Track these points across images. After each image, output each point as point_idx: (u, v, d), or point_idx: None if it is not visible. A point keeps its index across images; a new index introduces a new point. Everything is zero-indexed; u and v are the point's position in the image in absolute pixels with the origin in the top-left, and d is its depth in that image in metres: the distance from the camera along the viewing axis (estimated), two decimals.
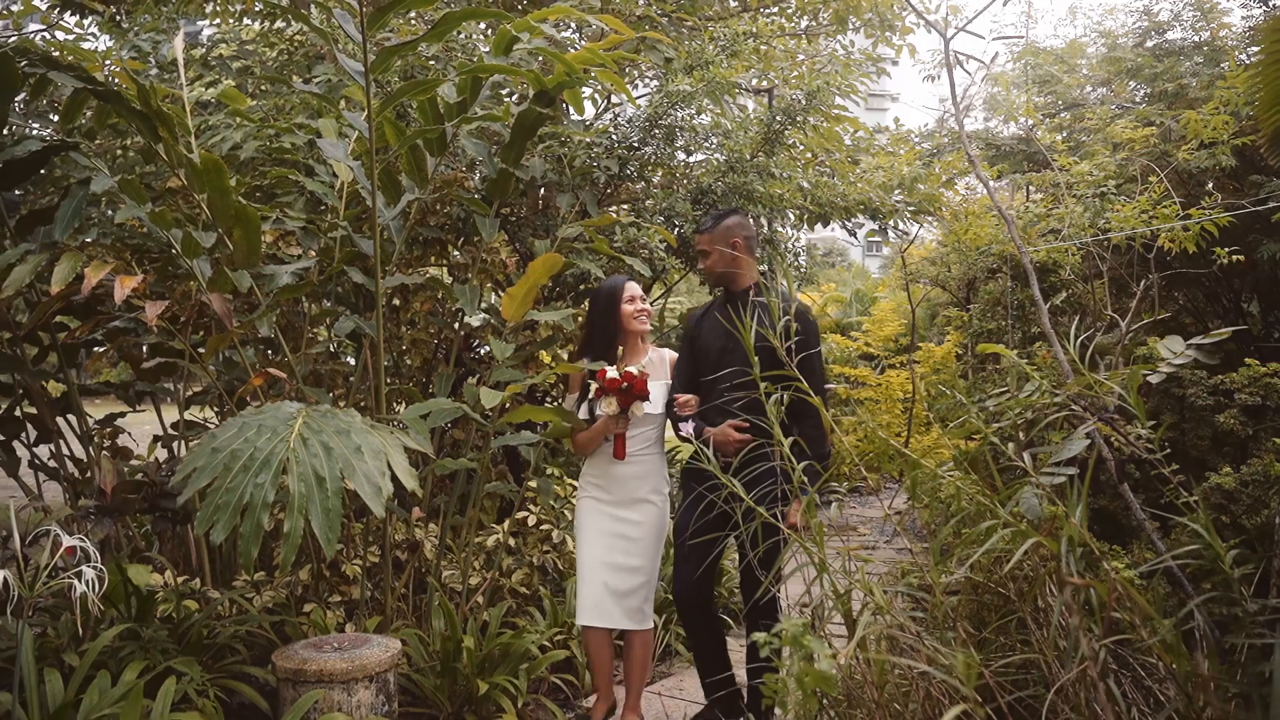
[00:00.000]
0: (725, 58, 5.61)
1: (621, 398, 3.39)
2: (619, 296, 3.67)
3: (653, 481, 3.61)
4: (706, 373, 3.50)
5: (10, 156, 3.71)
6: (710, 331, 3.54)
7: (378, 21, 3.51)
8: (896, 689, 2.55)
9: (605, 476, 3.60)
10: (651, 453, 3.63)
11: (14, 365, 4.17)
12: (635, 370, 3.39)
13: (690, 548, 3.44)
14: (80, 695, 2.61)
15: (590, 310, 3.78)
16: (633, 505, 3.58)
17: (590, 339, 3.73)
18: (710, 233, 3.54)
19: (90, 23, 8.67)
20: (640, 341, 3.72)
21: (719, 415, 3.38)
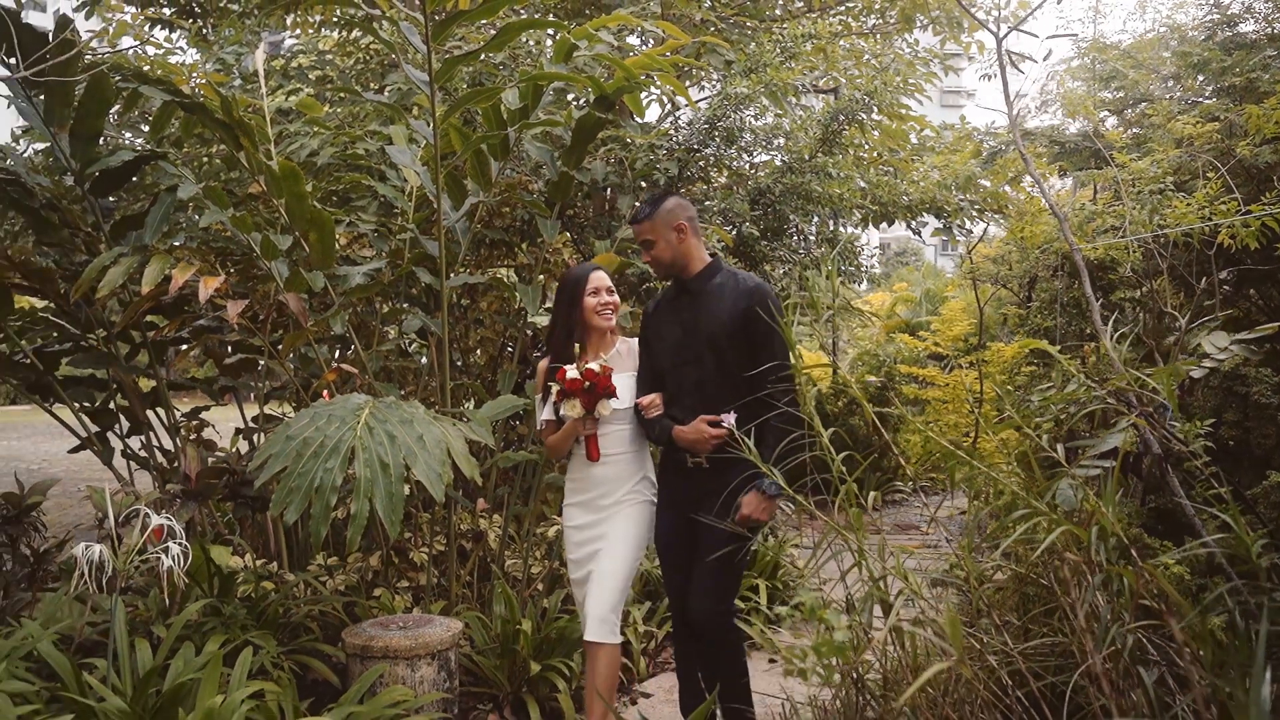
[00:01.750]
0: (783, 59, 5.68)
1: (585, 398, 3.10)
2: (582, 288, 3.31)
3: (632, 481, 3.29)
4: (666, 369, 3.23)
5: (106, 166, 3.98)
6: (665, 325, 3.25)
7: (442, 34, 3.68)
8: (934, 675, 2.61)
9: (583, 479, 3.31)
10: (629, 450, 3.30)
11: (108, 361, 4.46)
12: (597, 367, 3.10)
13: (674, 564, 3.22)
14: (167, 663, 2.83)
15: (555, 302, 3.46)
16: (612, 508, 3.26)
17: (552, 333, 3.43)
18: (650, 220, 3.18)
19: (178, 37, 9.08)
20: (608, 336, 3.39)
21: (688, 414, 3.11)
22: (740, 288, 3.09)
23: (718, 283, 3.14)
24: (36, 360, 4.38)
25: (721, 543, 2.99)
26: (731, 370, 3.05)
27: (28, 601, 3.43)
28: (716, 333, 3.06)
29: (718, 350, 3.06)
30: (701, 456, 3.07)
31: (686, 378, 3.13)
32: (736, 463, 2.93)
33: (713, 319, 3.07)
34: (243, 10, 9.77)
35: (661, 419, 3.16)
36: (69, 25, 3.36)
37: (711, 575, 3.05)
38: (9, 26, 3.13)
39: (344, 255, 4.88)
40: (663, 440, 3.16)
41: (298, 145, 5.33)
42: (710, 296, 3.12)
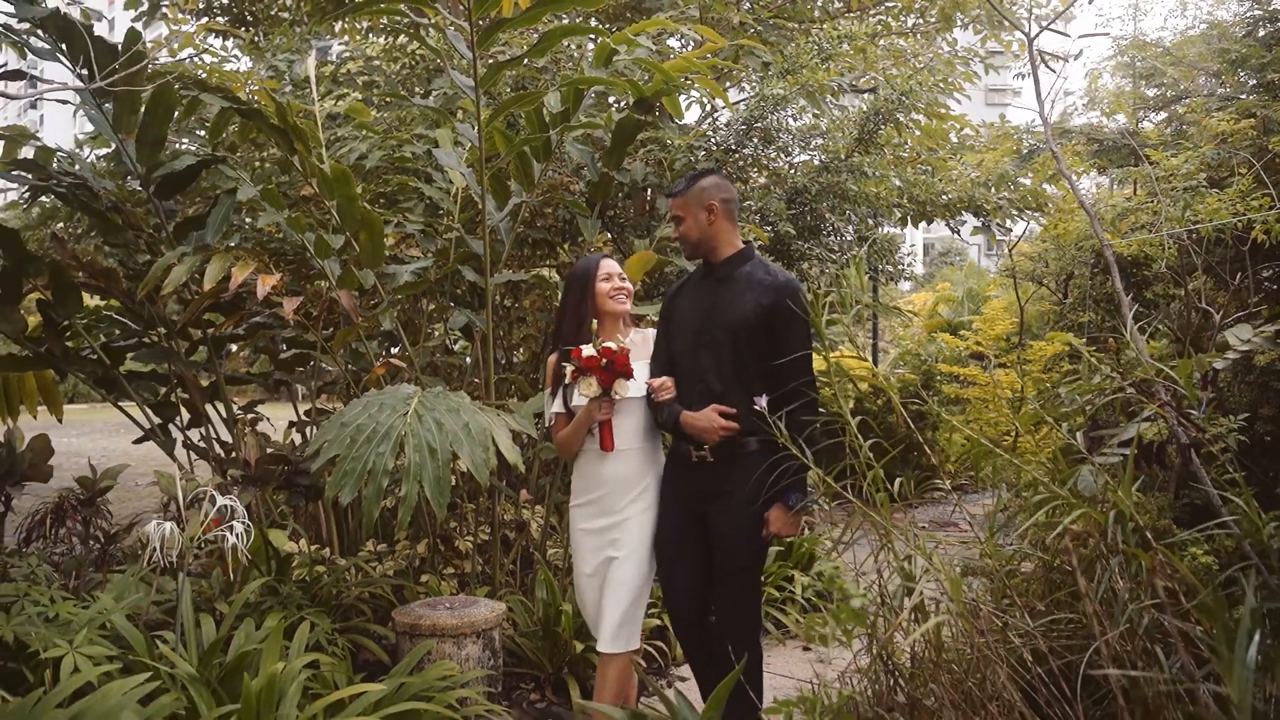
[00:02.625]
0: (820, 61, 5.77)
1: (602, 376, 2.94)
2: (594, 274, 3.20)
3: (647, 478, 3.13)
4: (683, 354, 3.08)
5: (169, 170, 4.19)
6: (687, 308, 3.12)
7: (486, 40, 3.83)
8: (958, 654, 2.71)
9: (594, 478, 3.13)
10: (642, 444, 3.15)
11: (169, 356, 4.67)
12: (615, 345, 2.96)
13: (676, 557, 3.08)
14: (229, 637, 3.01)
15: (563, 295, 3.34)
16: (619, 511, 3.10)
17: (560, 326, 3.28)
18: (683, 195, 3.06)
19: (233, 46, 9.36)
20: (621, 324, 3.26)
21: (698, 401, 2.98)
22: (768, 281, 2.96)
23: (745, 271, 3.01)
24: (103, 356, 4.59)
25: (740, 558, 2.96)
26: (747, 362, 2.94)
27: (99, 581, 3.64)
28: (736, 322, 2.94)
29: (735, 340, 2.94)
30: (706, 450, 2.95)
31: (701, 364, 3.00)
32: (743, 459, 2.91)
33: (735, 308, 2.95)
34: (293, 19, 10.06)
35: (671, 404, 3.03)
36: (139, 39, 3.56)
37: (734, 590, 2.98)
38: (85, 41, 3.33)
39: (392, 254, 5.05)
40: (669, 425, 3.04)
41: (347, 149, 5.53)
42: (736, 284, 2.99)
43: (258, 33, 10.02)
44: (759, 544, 2.97)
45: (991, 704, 2.48)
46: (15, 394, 4.91)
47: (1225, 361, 2.87)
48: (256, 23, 10.54)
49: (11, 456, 3.02)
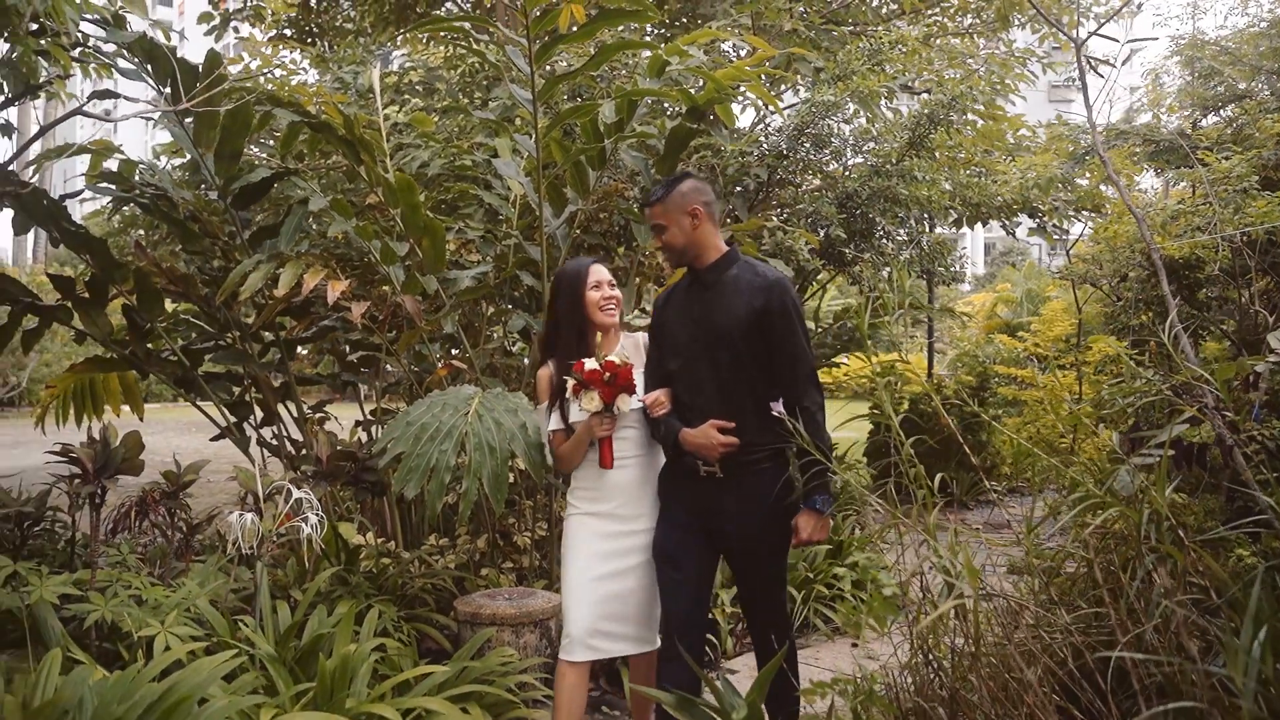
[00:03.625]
0: (871, 67, 5.85)
1: (605, 391, 2.85)
2: (583, 283, 3.06)
3: (652, 490, 3.07)
4: (676, 365, 2.97)
5: (246, 182, 4.42)
6: (676, 318, 3.00)
7: (544, 56, 4.00)
8: (997, 648, 2.79)
9: (599, 487, 3.04)
10: (646, 454, 3.08)
11: (243, 358, 4.92)
12: (617, 359, 2.88)
13: (677, 562, 2.96)
14: (303, 621, 3.21)
15: (552, 300, 3.21)
16: (632, 519, 3.03)
17: (554, 335, 3.15)
18: (663, 202, 2.92)
19: (302, 59, 9.67)
20: (611, 332, 3.13)
21: (694, 414, 2.88)
22: (757, 281, 2.86)
23: (733, 274, 2.89)
24: (183, 357, 4.85)
25: (765, 571, 2.95)
26: (747, 370, 2.85)
27: (181, 570, 3.87)
28: (731, 329, 2.83)
29: (733, 348, 2.84)
30: (714, 464, 2.85)
31: (698, 376, 2.90)
32: (755, 473, 2.85)
33: (727, 314, 2.85)
34: (357, 30, 10.37)
35: (669, 419, 2.92)
36: (219, 61, 3.78)
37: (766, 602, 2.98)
38: (169, 62, 3.56)
39: (453, 260, 5.24)
40: (668, 442, 2.94)
41: (410, 157, 5.73)
42: (725, 289, 2.88)
43: (324, 45, 10.35)
44: (780, 554, 2.95)
45: (1028, 696, 2.57)
46: (101, 394, 5.19)
47: (1266, 365, 2.92)
48: (322, 34, 10.89)
49: (106, 451, 3.25)
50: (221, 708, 2.32)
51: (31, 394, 18.37)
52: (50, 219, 4.18)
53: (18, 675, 2.37)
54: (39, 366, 18.30)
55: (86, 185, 4.79)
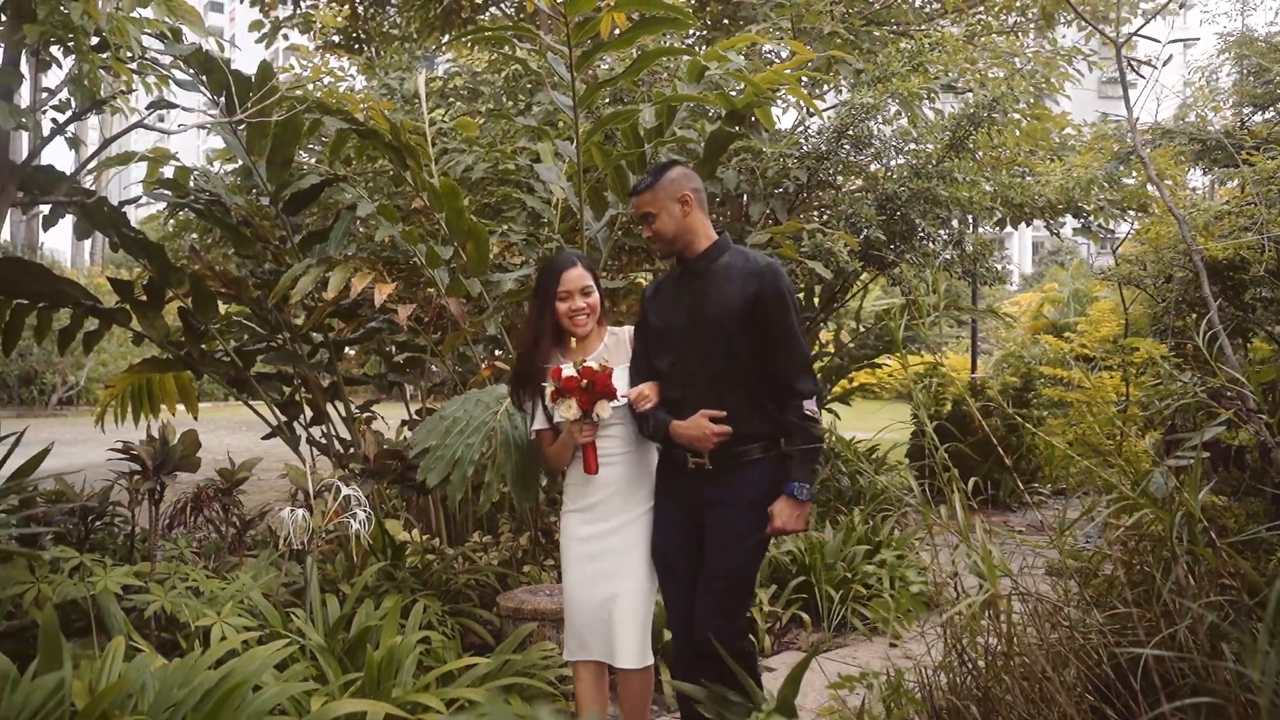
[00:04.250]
0: (910, 69, 5.86)
1: (582, 398, 2.75)
2: (552, 291, 2.92)
3: (643, 482, 2.95)
4: (666, 359, 2.88)
5: (297, 188, 4.56)
6: (667, 309, 2.90)
7: (584, 64, 4.08)
8: (1030, 648, 2.82)
9: (585, 483, 2.93)
10: (634, 450, 2.96)
11: (294, 359, 5.06)
12: (596, 364, 2.77)
13: (681, 571, 2.88)
14: (351, 614, 3.32)
15: (531, 301, 3.10)
16: (615, 517, 2.91)
17: (536, 332, 2.98)
18: (652, 190, 2.82)
19: (350, 65, 9.85)
20: (592, 334, 3.01)
21: (689, 407, 2.78)
22: (749, 268, 2.77)
23: (725, 263, 2.81)
24: (236, 358, 5.00)
25: (734, 561, 2.80)
26: (742, 360, 2.76)
27: (234, 564, 4.00)
28: (724, 318, 2.75)
29: (727, 338, 2.75)
30: (704, 456, 2.77)
31: (690, 367, 2.81)
32: (744, 464, 2.77)
33: (719, 303, 2.76)
34: (403, 35, 10.55)
35: (657, 412, 2.82)
36: (271, 73, 3.91)
37: (721, 595, 2.81)
38: (224, 74, 3.69)
39: (497, 263, 5.34)
40: (658, 436, 2.85)
41: (455, 161, 5.85)
42: (717, 278, 2.79)
43: (371, 51, 10.54)
44: (754, 553, 2.84)
45: (1060, 695, 2.59)
46: (158, 393, 5.37)
47: None
48: (369, 40, 11.09)
49: (165, 449, 3.39)
50: (274, 694, 2.42)
51: (89, 393, 18.88)
52: (111, 225, 4.34)
53: (84, 662, 2.50)
54: (95, 366, 18.81)
55: (145, 192, 4.96)
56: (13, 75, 2.56)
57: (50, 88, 2.78)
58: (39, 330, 4.78)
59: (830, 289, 6.99)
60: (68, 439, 10.07)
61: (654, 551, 2.92)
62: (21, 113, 2.53)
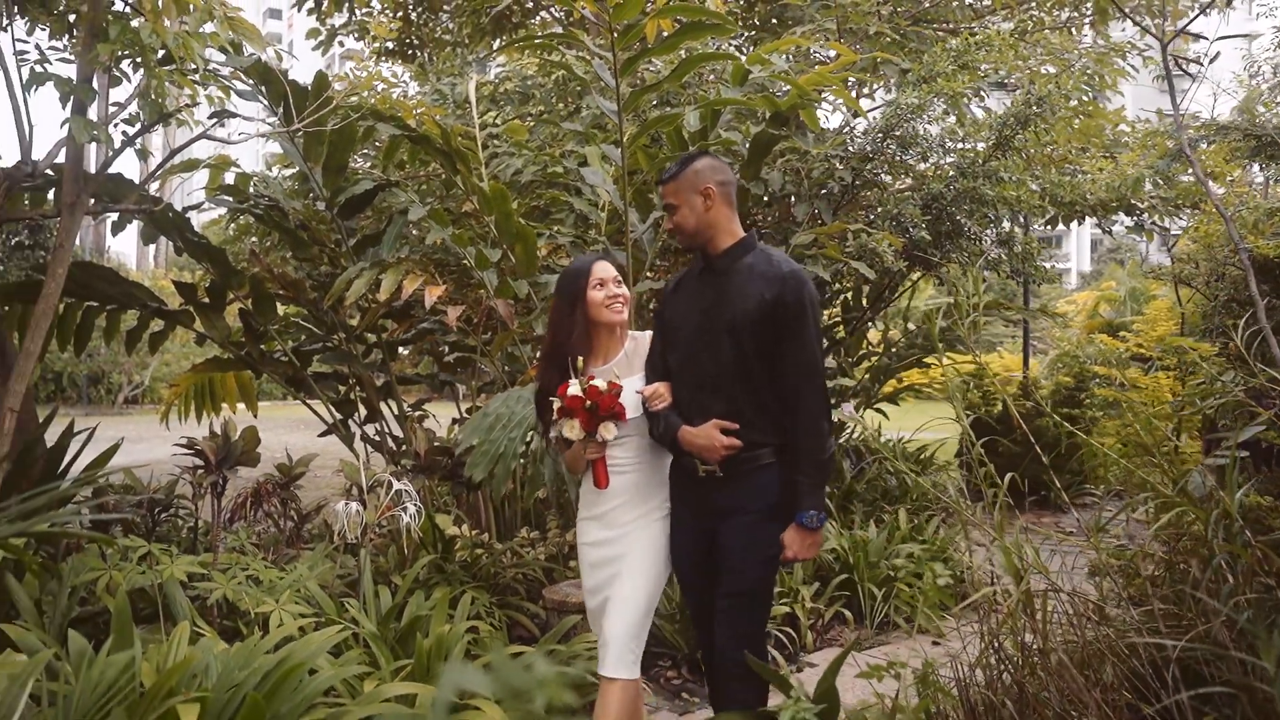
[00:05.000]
0: (956, 69, 5.85)
1: (585, 419, 2.67)
2: (584, 281, 2.83)
3: (654, 497, 2.84)
4: (680, 358, 2.78)
5: (351, 193, 4.71)
6: (684, 305, 2.81)
7: (628, 70, 4.16)
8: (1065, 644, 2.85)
9: (597, 493, 2.85)
10: (648, 461, 2.85)
11: (348, 359, 5.22)
12: (602, 383, 2.68)
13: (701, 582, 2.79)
14: (402, 605, 3.45)
15: (554, 303, 2.96)
16: (623, 524, 2.82)
17: (555, 341, 2.87)
18: (676, 180, 2.73)
19: (403, 72, 10.06)
20: (618, 332, 2.91)
21: (693, 409, 2.70)
22: (771, 271, 2.66)
23: (747, 263, 2.71)
24: (294, 358, 5.17)
25: (752, 575, 2.70)
26: (751, 365, 2.66)
27: (292, 556, 4.16)
28: (738, 319, 2.65)
29: (737, 339, 2.66)
30: (714, 464, 2.68)
31: (700, 368, 2.72)
32: (755, 470, 2.67)
33: (736, 303, 2.67)
34: (455, 41, 10.73)
35: (668, 415, 2.74)
36: (326, 83, 4.06)
37: (743, 614, 2.72)
38: (281, 85, 3.84)
39: (544, 264, 5.45)
40: (666, 440, 2.76)
41: (504, 165, 5.98)
42: (737, 277, 2.69)
43: (424, 56, 10.74)
44: (770, 565, 2.71)
45: (1094, 690, 2.62)
46: (219, 392, 5.57)
47: None
48: (422, 46, 11.29)
49: (227, 444, 3.55)
50: (329, 677, 2.54)
51: (153, 392, 19.44)
52: (175, 230, 4.53)
53: (151, 645, 2.64)
54: (159, 366, 19.36)
55: (207, 197, 5.16)
56: (87, 91, 2.72)
57: (120, 102, 2.94)
58: (108, 331, 5.00)
59: (879, 288, 7.00)
60: (134, 436, 10.41)
61: (676, 563, 2.82)
62: (94, 126, 2.68)
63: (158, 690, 2.13)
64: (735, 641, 2.68)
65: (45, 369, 18.77)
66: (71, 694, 2.19)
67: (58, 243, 2.91)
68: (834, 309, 7.59)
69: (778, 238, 5.95)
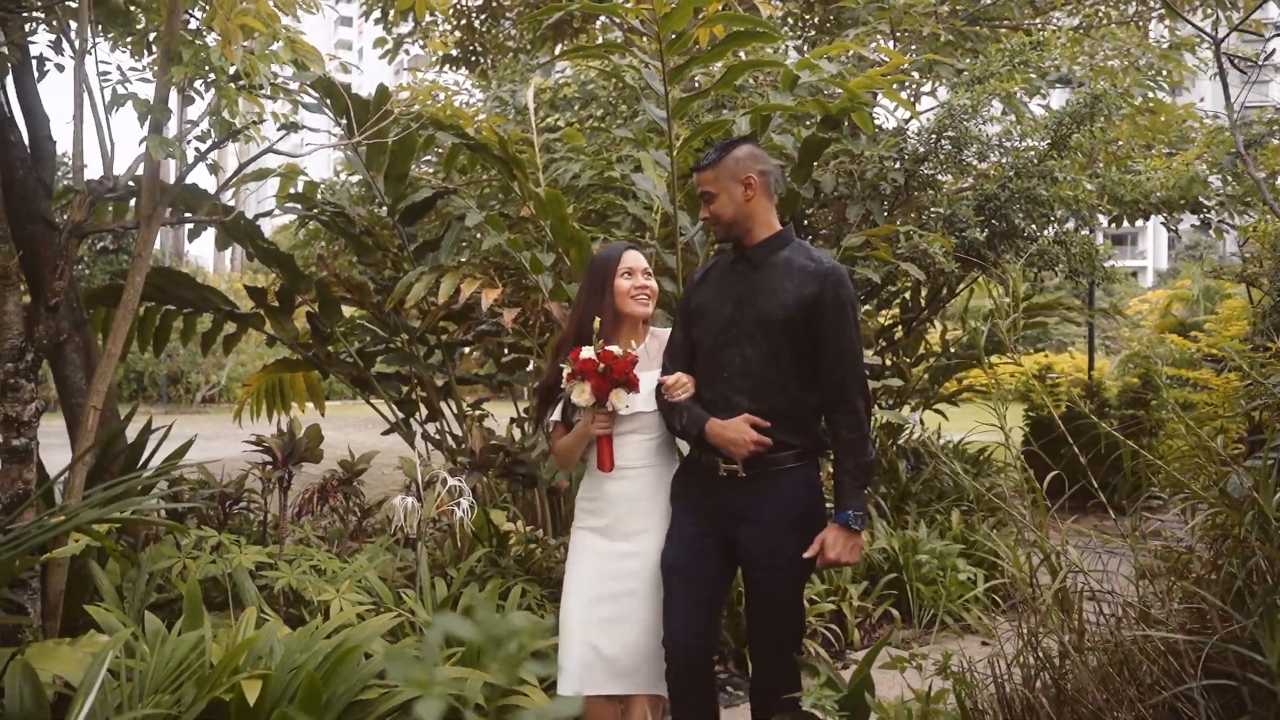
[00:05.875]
0: (1011, 69, 5.84)
1: (598, 383, 2.56)
2: (613, 268, 2.76)
3: (660, 503, 2.72)
4: (708, 350, 2.67)
5: (412, 201, 4.89)
6: (714, 297, 2.69)
7: (677, 77, 4.26)
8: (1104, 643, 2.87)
9: (599, 498, 2.73)
10: (655, 464, 2.73)
11: (410, 360, 5.41)
12: (618, 350, 2.58)
13: (687, 577, 2.64)
14: (457, 595, 3.60)
15: (580, 291, 2.89)
16: (634, 536, 2.69)
17: (579, 327, 2.75)
18: (714, 168, 2.62)
19: (466, 81, 10.29)
20: (640, 326, 2.82)
21: (723, 409, 2.58)
22: (811, 267, 2.56)
23: (785, 256, 2.61)
24: (358, 359, 5.38)
25: (783, 590, 2.61)
26: (784, 361, 2.57)
27: (354, 549, 4.34)
28: (774, 315, 2.55)
29: (771, 335, 2.56)
30: (737, 463, 2.57)
31: (728, 361, 2.61)
32: (777, 473, 2.58)
33: (771, 298, 2.57)
34: (518, 47, 10.95)
35: (692, 407, 2.62)
36: (387, 95, 4.23)
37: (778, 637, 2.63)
38: (344, 99, 4.03)
39: None
40: (690, 434, 2.62)
41: (563, 169, 6.12)
42: (774, 271, 2.60)
43: (487, 62, 10.98)
44: (801, 571, 2.62)
45: (1131, 689, 2.65)
46: (289, 392, 5.81)
47: None
48: (485, 52, 11.53)
49: (293, 441, 3.73)
50: (383, 660, 2.69)
51: (229, 391, 20.10)
52: (246, 237, 4.76)
53: (221, 629, 2.82)
54: (235, 366, 20.02)
55: (277, 205, 5.39)
56: (163, 111, 2.91)
57: (193, 120, 3.14)
58: (184, 333, 5.26)
59: (936, 287, 6.99)
60: (209, 434, 10.81)
61: (665, 562, 2.68)
62: (170, 144, 2.87)
63: (224, 667, 2.30)
64: (771, 647, 2.63)
65: (128, 369, 19.53)
66: (146, 670, 2.37)
67: (136, 252, 3.11)
68: (892, 309, 7.60)
69: (831, 239, 6.00)
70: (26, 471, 2.98)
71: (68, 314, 3.54)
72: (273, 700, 2.38)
